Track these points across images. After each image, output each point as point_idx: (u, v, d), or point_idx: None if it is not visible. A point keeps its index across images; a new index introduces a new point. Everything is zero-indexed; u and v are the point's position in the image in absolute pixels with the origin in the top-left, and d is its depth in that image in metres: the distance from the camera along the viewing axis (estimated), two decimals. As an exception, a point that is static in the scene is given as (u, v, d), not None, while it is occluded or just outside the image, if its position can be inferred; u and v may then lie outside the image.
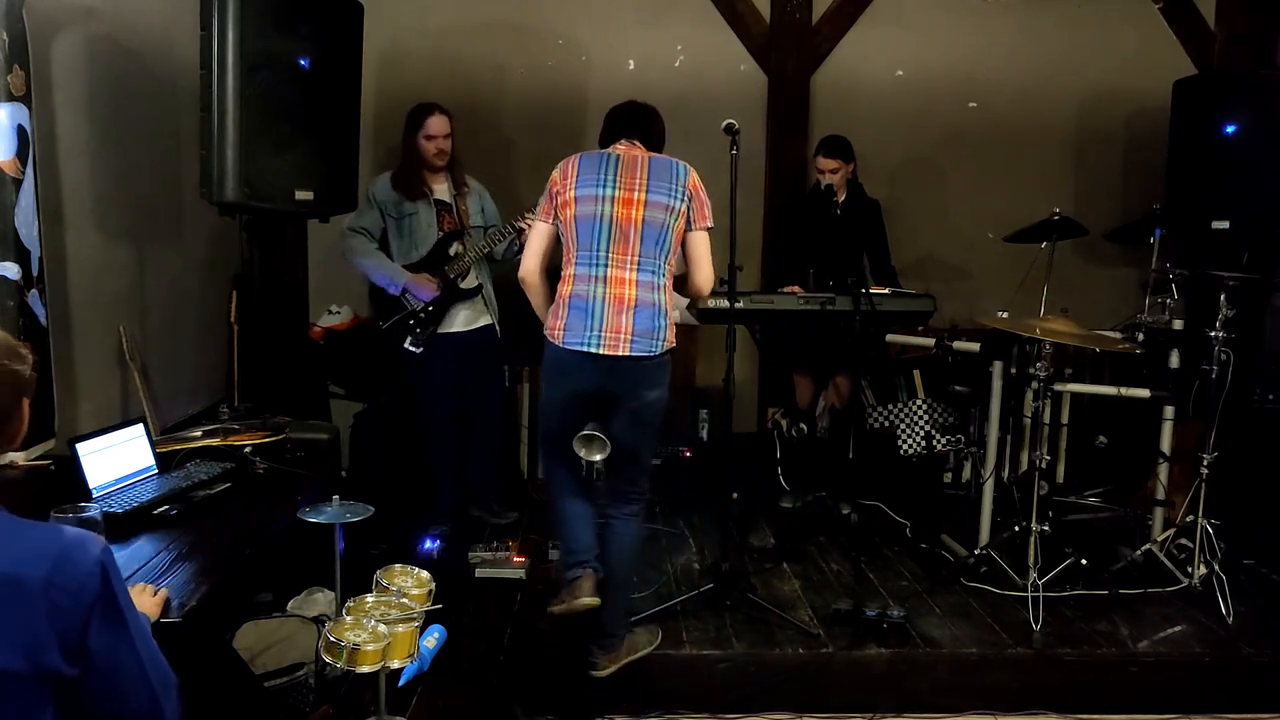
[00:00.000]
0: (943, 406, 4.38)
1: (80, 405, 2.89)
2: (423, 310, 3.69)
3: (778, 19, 4.69)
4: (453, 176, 3.79)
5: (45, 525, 1.27)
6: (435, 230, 3.73)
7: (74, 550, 1.21)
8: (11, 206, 2.35)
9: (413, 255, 3.73)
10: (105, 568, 1.23)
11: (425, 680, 2.50)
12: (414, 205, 3.71)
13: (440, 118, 3.68)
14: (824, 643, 3.03)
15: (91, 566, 1.21)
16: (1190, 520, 3.43)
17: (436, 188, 3.77)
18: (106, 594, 1.22)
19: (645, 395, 2.72)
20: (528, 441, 4.76)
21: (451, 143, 3.73)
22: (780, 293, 3.92)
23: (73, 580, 1.19)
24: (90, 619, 1.20)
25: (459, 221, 3.77)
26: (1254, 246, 3.99)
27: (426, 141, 3.67)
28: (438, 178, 3.77)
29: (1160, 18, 4.79)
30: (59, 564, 1.19)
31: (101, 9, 3.03)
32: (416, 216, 3.72)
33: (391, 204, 3.71)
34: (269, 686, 2.35)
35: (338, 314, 4.57)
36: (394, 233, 3.74)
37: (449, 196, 3.78)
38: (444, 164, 3.73)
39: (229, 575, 2.09)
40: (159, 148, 3.48)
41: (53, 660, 1.17)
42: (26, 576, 1.17)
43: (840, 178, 4.13)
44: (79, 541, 1.23)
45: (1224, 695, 3.01)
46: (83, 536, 1.24)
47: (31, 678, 1.16)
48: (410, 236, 3.73)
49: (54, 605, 1.17)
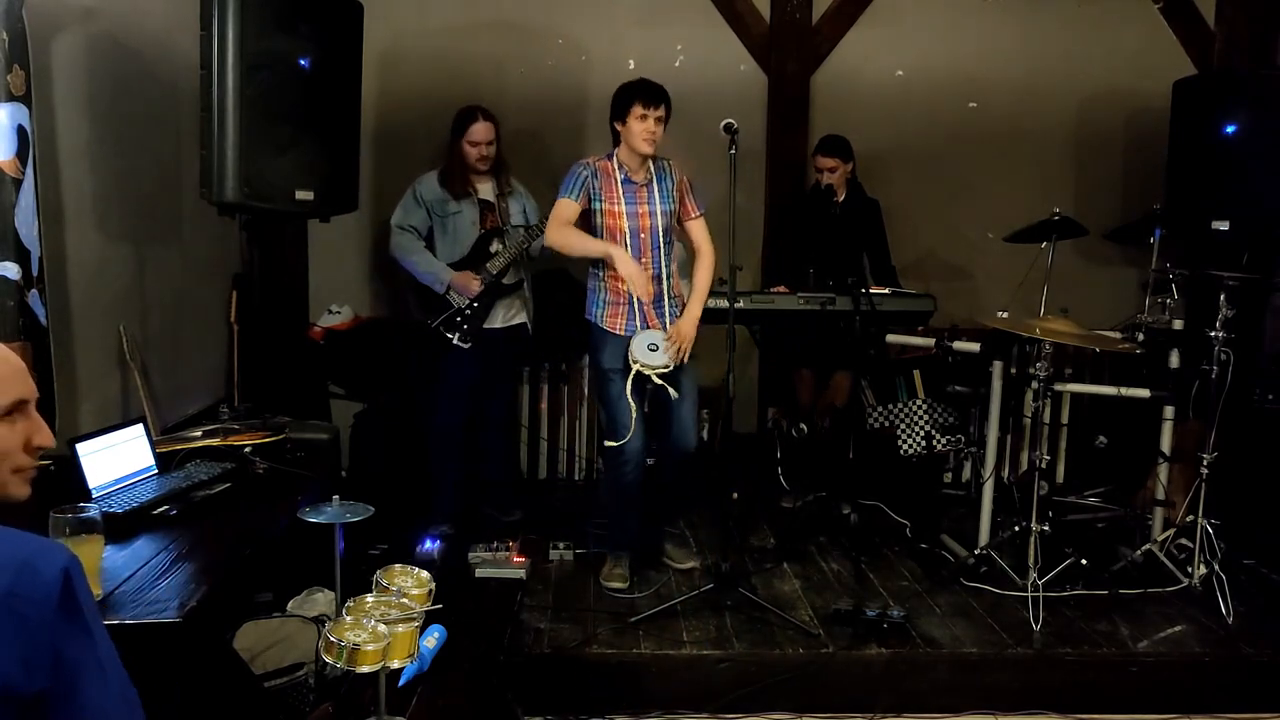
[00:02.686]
0: (943, 406, 4.38)
1: (80, 405, 2.89)
2: (468, 307, 3.76)
3: (778, 19, 4.69)
4: (498, 178, 3.85)
5: (11, 533, 1.19)
6: (477, 229, 3.80)
7: (37, 559, 1.14)
8: (11, 206, 2.35)
9: (455, 252, 3.80)
10: (70, 577, 1.15)
11: (425, 680, 2.49)
12: (459, 205, 3.79)
13: (484, 124, 3.73)
14: (824, 643, 3.03)
15: (55, 576, 1.14)
16: (1190, 520, 3.43)
17: (481, 187, 3.83)
18: (71, 604, 1.15)
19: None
20: (528, 441, 4.77)
21: (497, 147, 3.78)
22: (768, 293, 3.92)
23: (35, 590, 1.12)
24: (56, 630, 1.13)
25: (500, 220, 3.83)
26: (1254, 246, 3.99)
27: (470, 147, 3.74)
28: (483, 178, 3.84)
29: (1160, 18, 4.79)
30: (20, 573, 1.12)
31: (101, 9, 3.03)
32: (461, 215, 3.79)
33: (438, 203, 3.79)
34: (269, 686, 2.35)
35: (338, 314, 4.57)
36: (439, 230, 3.82)
37: (493, 196, 3.84)
38: (487, 169, 3.79)
39: (229, 575, 2.09)
40: (159, 148, 3.48)
41: (13, 674, 1.10)
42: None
43: (840, 177, 4.13)
44: (43, 550, 1.16)
45: (1224, 695, 3.01)
46: (47, 545, 1.18)
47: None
48: (454, 234, 3.80)
49: (15, 615, 1.10)
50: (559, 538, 3.77)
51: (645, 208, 3.33)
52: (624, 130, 3.27)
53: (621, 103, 3.26)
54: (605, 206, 3.31)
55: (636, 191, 3.33)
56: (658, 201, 3.34)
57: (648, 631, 3.08)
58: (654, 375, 3.25)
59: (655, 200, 3.34)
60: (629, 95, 3.25)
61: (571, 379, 4.78)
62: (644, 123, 3.22)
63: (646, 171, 3.34)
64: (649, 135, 3.22)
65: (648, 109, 3.21)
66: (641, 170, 3.34)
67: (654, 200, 3.34)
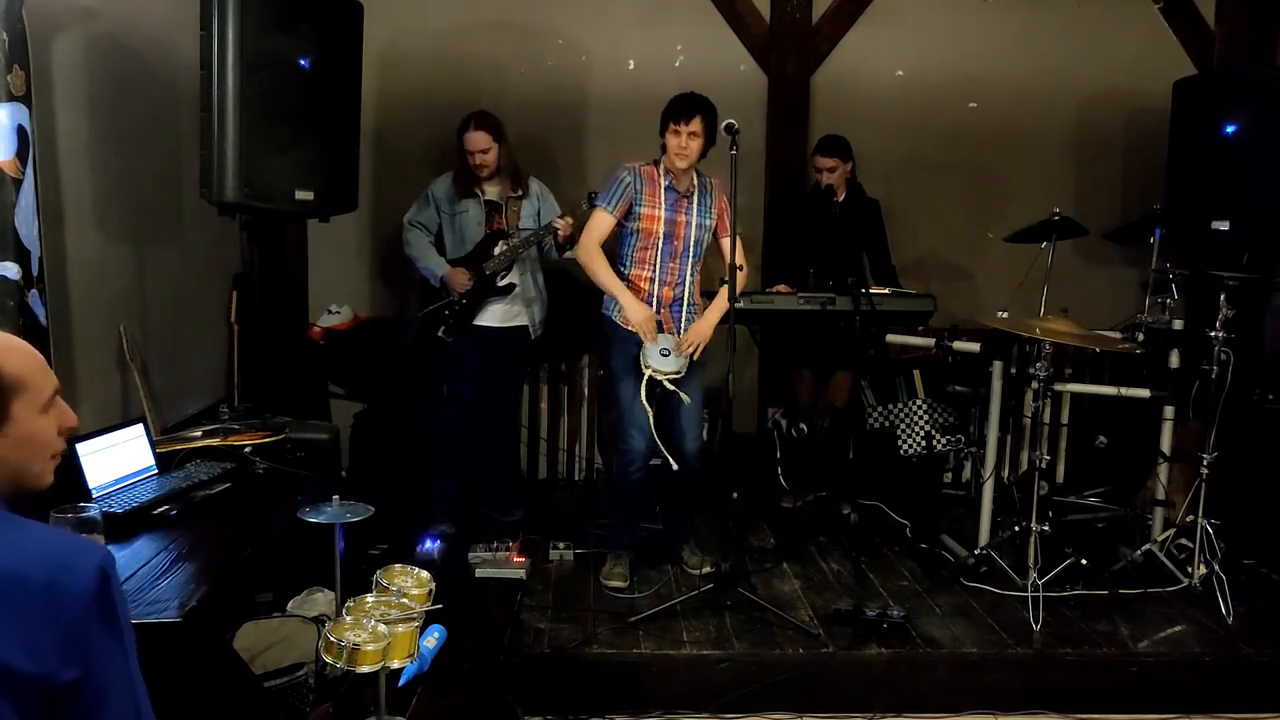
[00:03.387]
0: (943, 406, 4.38)
1: (80, 405, 2.89)
2: (457, 302, 3.79)
3: (778, 19, 4.69)
4: (507, 180, 3.88)
5: (49, 528, 1.28)
6: (483, 229, 3.84)
7: (78, 554, 1.21)
8: (11, 206, 2.34)
9: (460, 250, 3.85)
10: (107, 574, 1.22)
11: (425, 680, 2.49)
12: (465, 204, 3.84)
13: (477, 134, 3.75)
14: (824, 643, 3.03)
15: (93, 571, 1.20)
16: (1190, 520, 3.43)
17: (489, 189, 3.87)
18: (106, 601, 1.21)
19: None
20: (528, 441, 4.77)
21: (499, 152, 3.80)
22: (767, 293, 3.92)
23: (75, 583, 1.18)
24: (90, 625, 1.19)
25: (506, 222, 3.86)
26: (1254, 246, 3.98)
27: (468, 154, 3.78)
28: (491, 181, 3.87)
29: (1160, 18, 4.79)
30: (62, 566, 1.19)
31: (101, 9, 3.03)
32: (467, 215, 3.85)
33: (446, 201, 3.86)
34: (269, 686, 2.35)
35: (338, 314, 4.57)
36: (446, 228, 3.89)
37: (500, 198, 3.87)
38: (487, 176, 3.82)
39: (229, 575, 2.09)
40: (159, 148, 3.48)
41: (51, 662, 1.16)
42: (30, 575, 1.17)
43: (839, 177, 4.13)
44: (83, 546, 1.24)
45: (1224, 695, 3.01)
46: (87, 542, 1.25)
47: (31, 677, 1.15)
48: (460, 233, 3.86)
49: (55, 606, 1.17)
50: (559, 538, 3.77)
51: (684, 218, 3.38)
52: (665, 144, 3.34)
53: (662, 119, 3.33)
54: (645, 210, 3.36)
55: (678, 201, 3.38)
56: (695, 214, 3.40)
57: (648, 631, 3.08)
58: (666, 381, 3.27)
59: (694, 213, 3.40)
60: (665, 111, 3.32)
61: (571, 379, 4.78)
62: (676, 138, 3.27)
63: (690, 183, 3.39)
64: (680, 150, 3.28)
65: (679, 124, 3.26)
66: (685, 180, 3.39)
67: (693, 212, 3.39)
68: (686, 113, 3.27)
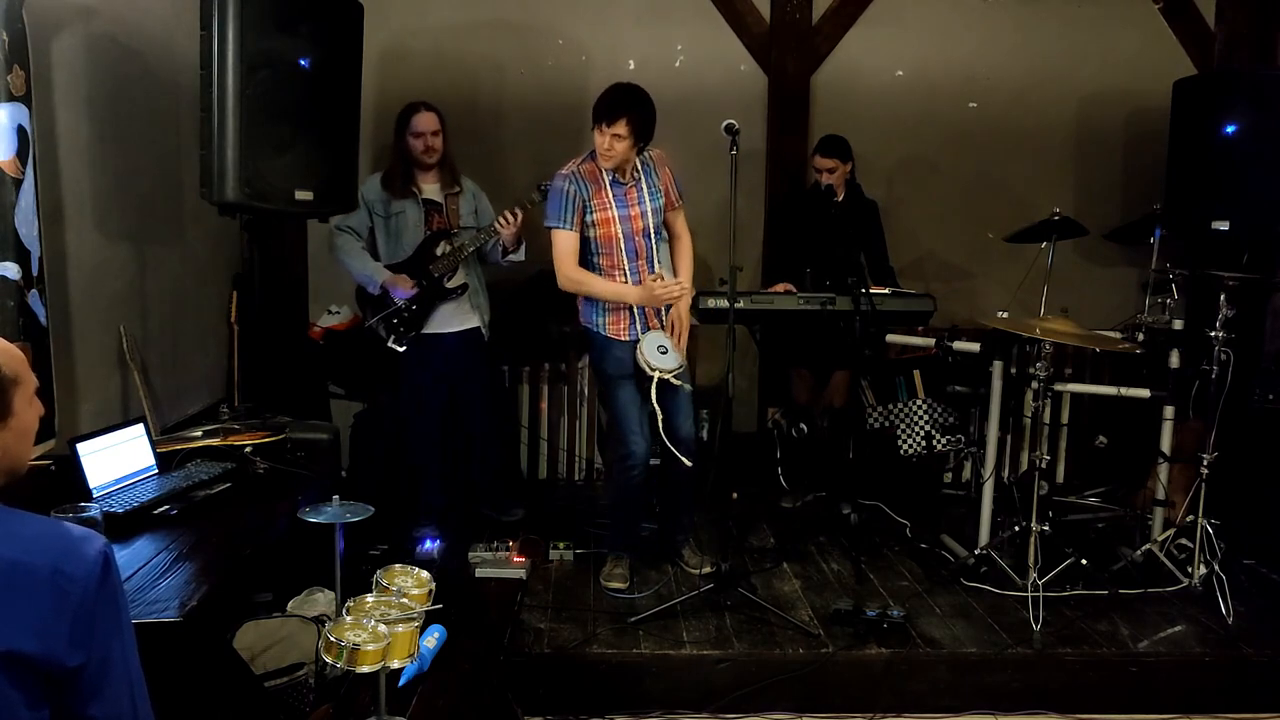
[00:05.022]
0: (943, 406, 4.38)
1: (80, 405, 2.89)
2: (405, 309, 3.69)
3: (778, 19, 4.69)
4: (444, 176, 3.78)
5: (47, 518, 1.32)
6: (422, 230, 3.73)
7: (80, 541, 1.26)
8: (11, 206, 2.35)
9: (399, 254, 3.73)
10: (108, 561, 1.27)
11: (425, 680, 2.49)
12: (401, 204, 3.72)
13: (427, 114, 3.67)
14: (824, 643, 3.03)
15: (96, 558, 1.25)
16: (1190, 520, 3.43)
17: (426, 187, 3.76)
18: (108, 588, 1.26)
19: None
20: (528, 441, 4.77)
21: (443, 141, 3.71)
22: (767, 292, 3.92)
23: (79, 569, 1.23)
24: (95, 609, 1.24)
25: (447, 221, 3.77)
26: (1254, 246, 3.98)
27: (414, 139, 3.67)
28: (428, 177, 3.76)
29: (1160, 18, 4.79)
30: (66, 553, 1.24)
31: (101, 9, 3.03)
32: (404, 216, 3.72)
33: (380, 203, 3.72)
34: (269, 686, 2.35)
35: (337, 314, 4.57)
36: (381, 232, 3.75)
37: (439, 196, 3.77)
38: (434, 161, 3.71)
39: (229, 575, 2.10)
40: (159, 148, 3.48)
41: (60, 647, 1.20)
42: (34, 563, 1.21)
43: (838, 177, 4.13)
44: (84, 535, 1.28)
45: (1224, 695, 3.01)
46: (86, 531, 1.30)
47: (40, 661, 1.19)
48: (397, 236, 3.73)
49: (61, 593, 1.21)
50: (559, 538, 3.77)
51: (637, 208, 3.31)
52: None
53: (592, 115, 3.22)
54: (598, 215, 3.27)
55: (626, 193, 3.30)
56: (648, 200, 3.32)
57: (648, 631, 3.08)
58: (672, 378, 3.26)
59: (645, 199, 3.32)
60: (593, 108, 3.20)
61: (571, 379, 4.78)
62: (601, 138, 3.19)
63: (634, 170, 3.31)
64: (605, 152, 3.19)
65: (602, 126, 3.16)
66: (626, 168, 3.30)
67: (644, 199, 3.32)
68: (609, 115, 3.14)
